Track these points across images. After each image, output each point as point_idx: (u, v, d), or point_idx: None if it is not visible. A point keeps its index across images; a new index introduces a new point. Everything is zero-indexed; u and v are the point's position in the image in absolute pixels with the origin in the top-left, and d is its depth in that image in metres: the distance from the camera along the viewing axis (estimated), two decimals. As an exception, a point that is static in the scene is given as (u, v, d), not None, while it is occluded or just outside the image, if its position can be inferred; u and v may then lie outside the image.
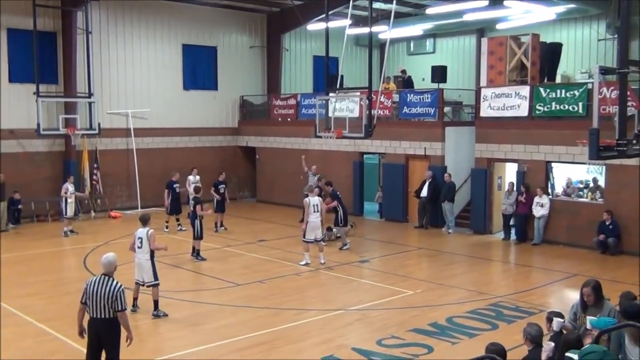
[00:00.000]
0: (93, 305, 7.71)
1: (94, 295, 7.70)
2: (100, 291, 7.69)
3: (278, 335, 10.46)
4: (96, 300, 7.69)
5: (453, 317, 11.29)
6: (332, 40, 18.21)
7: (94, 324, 7.78)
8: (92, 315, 7.77)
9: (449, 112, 21.96)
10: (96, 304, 7.69)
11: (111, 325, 7.75)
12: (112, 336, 7.79)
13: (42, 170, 22.18)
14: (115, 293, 7.67)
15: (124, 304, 7.79)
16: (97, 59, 22.88)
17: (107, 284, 7.75)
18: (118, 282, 7.87)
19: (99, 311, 7.71)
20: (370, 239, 19.18)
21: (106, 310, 7.69)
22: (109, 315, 7.71)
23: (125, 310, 7.90)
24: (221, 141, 26.99)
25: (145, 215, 11.77)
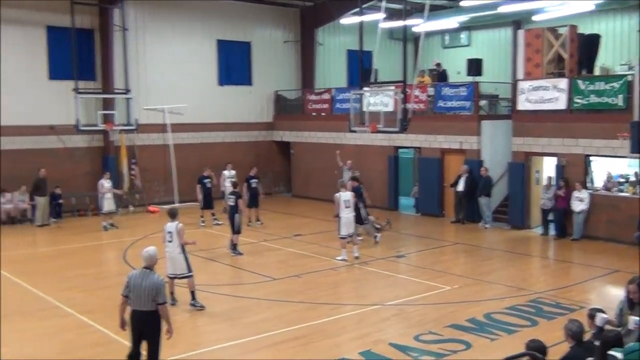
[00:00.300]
0: (135, 297, 7.85)
1: (136, 288, 7.84)
2: (142, 284, 7.83)
3: (314, 330, 10.49)
4: (138, 293, 7.83)
5: (491, 313, 11.19)
6: (366, 34, 18.14)
7: (135, 316, 7.93)
8: (134, 307, 7.93)
9: (485, 105, 21.71)
10: (138, 296, 7.83)
11: (152, 318, 7.89)
12: (153, 328, 7.93)
13: (81, 165, 22.60)
14: (157, 286, 7.80)
15: (164, 297, 7.92)
16: (134, 56, 23.21)
17: (149, 277, 7.89)
18: (159, 276, 8.00)
19: (141, 303, 7.85)
20: (406, 234, 19.09)
21: (148, 302, 7.83)
22: (150, 308, 7.84)
23: (166, 303, 8.03)
24: (256, 136, 27.14)
25: (174, 209, 11.90)
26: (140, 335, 7.99)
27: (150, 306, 7.83)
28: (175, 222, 11.47)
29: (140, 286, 7.82)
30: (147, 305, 7.83)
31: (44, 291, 12.70)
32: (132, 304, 7.92)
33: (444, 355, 9.36)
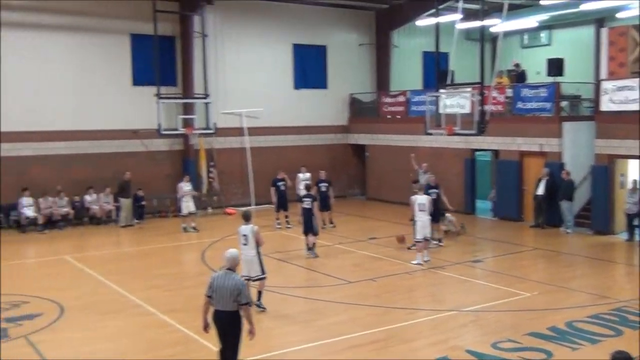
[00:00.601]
0: (218, 298, 8.01)
1: (219, 289, 8.00)
2: (225, 285, 7.98)
3: (390, 334, 10.44)
4: (221, 294, 7.98)
5: (573, 322, 10.84)
6: (442, 35, 17.97)
7: (218, 316, 8.10)
8: (217, 307, 8.09)
9: (566, 106, 21.05)
10: (221, 297, 7.99)
11: (234, 318, 8.05)
12: (234, 328, 8.08)
13: (163, 168, 23.34)
14: (239, 287, 7.96)
15: (247, 298, 8.06)
16: (213, 61, 23.77)
17: (231, 278, 8.04)
18: (241, 278, 8.22)
19: (224, 304, 8.00)
20: (483, 238, 18.75)
21: (230, 303, 7.98)
22: (232, 308, 8.00)
23: (249, 304, 8.16)
24: (331, 139, 27.27)
25: (247, 212, 11.98)
26: (224, 334, 8.16)
27: (232, 307, 7.98)
28: (249, 225, 11.58)
29: (223, 287, 7.97)
30: (230, 305, 7.98)
31: (128, 290, 13.17)
32: (215, 304, 8.09)
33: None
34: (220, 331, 8.14)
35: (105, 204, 21.42)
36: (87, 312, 11.76)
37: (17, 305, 12.15)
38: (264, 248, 12.30)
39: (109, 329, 10.89)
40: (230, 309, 8.00)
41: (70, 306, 12.07)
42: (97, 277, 14.44)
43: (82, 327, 10.98)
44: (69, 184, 21.17)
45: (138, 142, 22.86)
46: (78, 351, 9.81)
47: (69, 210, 20.71)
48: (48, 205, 20.32)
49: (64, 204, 20.65)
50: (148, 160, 22.99)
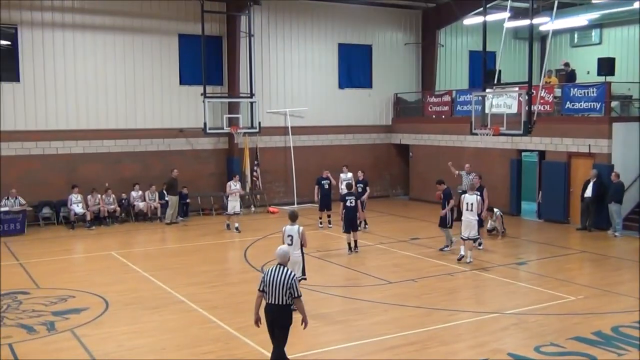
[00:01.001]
0: (270, 292, 8.24)
1: (271, 284, 8.23)
2: (277, 279, 8.21)
3: (430, 336, 10.35)
4: (273, 288, 8.21)
5: (619, 327, 10.56)
6: (489, 34, 17.74)
7: (270, 309, 8.33)
8: (269, 301, 8.32)
9: (617, 106, 20.52)
10: (273, 291, 8.22)
11: (285, 311, 8.29)
12: (284, 320, 8.32)
13: (207, 166, 23.64)
14: (291, 281, 8.21)
15: (299, 291, 8.31)
16: (258, 61, 23.97)
17: (283, 273, 8.27)
18: (293, 271, 8.47)
19: (275, 298, 8.23)
20: (528, 240, 18.43)
21: (281, 297, 8.20)
22: (284, 302, 8.23)
23: (301, 296, 8.36)
24: (375, 139, 27.19)
25: (294, 212, 11.95)
26: (273, 327, 8.37)
27: (283, 300, 8.22)
28: (296, 225, 11.57)
29: (275, 281, 8.22)
30: (281, 299, 8.21)
31: (171, 286, 13.38)
32: (267, 298, 8.32)
33: (566, 369, 8.96)
34: (270, 324, 8.36)
35: (150, 201, 21.78)
36: (131, 307, 12.00)
37: (64, 299, 12.47)
38: (307, 248, 12.34)
39: (151, 324, 11.08)
40: (281, 303, 8.23)
41: (115, 301, 12.33)
42: (141, 273, 14.71)
43: (125, 321, 11.20)
44: (117, 181, 21.66)
45: (184, 140, 23.21)
46: (121, 345, 10.01)
47: (116, 207, 21.15)
48: (96, 202, 20.79)
49: (111, 201, 21.10)
50: (193, 159, 23.32)
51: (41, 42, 20.77)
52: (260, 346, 9.82)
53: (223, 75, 23.82)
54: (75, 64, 21.35)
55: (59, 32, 21.03)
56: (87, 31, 21.49)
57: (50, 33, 20.90)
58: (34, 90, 20.79)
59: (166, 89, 22.90)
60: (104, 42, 21.76)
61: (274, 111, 24.69)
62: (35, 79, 20.77)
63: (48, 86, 20.95)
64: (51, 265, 15.52)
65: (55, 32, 20.96)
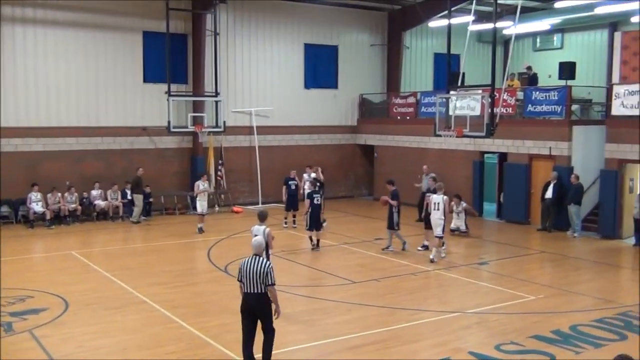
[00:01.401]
0: (247, 281, 8.57)
1: (248, 273, 8.55)
2: (253, 269, 8.53)
3: (393, 335, 10.42)
4: (249, 277, 8.54)
5: (578, 326, 10.79)
6: (453, 37, 17.91)
7: (247, 298, 8.62)
8: (247, 290, 8.61)
9: (577, 110, 20.96)
10: (249, 280, 8.54)
11: (263, 299, 8.59)
12: (264, 308, 8.63)
13: (171, 165, 23.42)
14: (266, 269, 8.52)
15: (273, 279, 8.58)
16: (224, 60, 23.83)
17: (258, 263, 8.58)
18: (268, 261, 8.76)
19: (253, 287, 8.53)
20: (490, 241, 18.69)
21: (258, 285, 8.51)
22: (261, 290, 8.53)
23: (274, 285, 8.60)
24: (340, 139, 27.27)
25: (264, 212, 11.96)
26: (254, 316, 8.65)
27: (261, 289, 8.52)
28: (263, 226, 11.54)
29: (251, 271, 8.53)
30: (259, 287, 8.51)
31: (133, 286, 13.21)
32: (245, 288, 8.62)
33: (526, 367, 9.11)
34: (250, 313, 8.64)
35: (112, 200, 21.49)
36: (91, 308, 11.81)
37: (23, 299, 12.22)
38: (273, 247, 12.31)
39: (113, 325, 10.93)
40: (259, 291, 8.53)
41: (75, 301, 12.13)
42: (102, 272, 14.49)
43: (86, 322, 11.03)
44: (79, 179, 21.30)
45: (147, 139, 22.95)
46: (82, 346, 9.85)
47: (77, 206, 20.81)
48: (56, 201, 20.42)
49: (73, 200, 20.75)
50: (157, 158, 23.07)
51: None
52: (223, 346, 9.79)
53: (188, 73, 23.61)
54: (37, 60, 20.92)
55: (20, 27, 20.58)
56: (50, 27, 21.07)
57: (11, 28, 20.44)
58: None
59: (130, 87, 22.61)
60: (66, 38, 21.37)
61: (239, 110, 24.59)
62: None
63: (7, 82, 20.48)
64: (9, 265, 15.16)
65: (15, 27, 20.52)
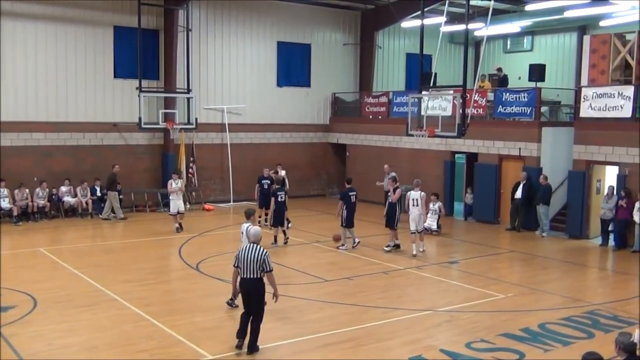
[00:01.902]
0: (244, 267, 9.24)
1: (245, 260, 9.22)
2: (250, 256, 9.21)
3: (365, 333, 10.47)
4: (247, 263, 9.21)
5: (546, 324, 10.96)
6: (426, 38, 18.04)
7: (244, 283, 9.32)
8: (244, 276, 9.29)
9: (546, 112, 21.28)
10: (247, 266, 9.22)
11: (258, 284, 9.29)
12: (258, 292, 9.29)
13: (142, 162, 23.18)
14: (263, 257, 9.21)
15: (270, 266, 9.27)
16: (196, 56, 23.68)
17: (255, 250, 9.26)
18: (264, 249, 9.35)
19: (249, 272, 9.22)
20: (460, 240, 18.87)
21: (254, 271, 9.21)
22: (257, 276, 9.23)
23: (272, 271, 9.31)
24: (312, 138, 27.29)
25: (250, 210, 11.97)
26: (249, 300, 9.32)
27: (257, 274, 9.21)
28: (247, 223, 11.51)
29: (248, 258, 9.20)
30: (255, 273, 9.20)
31: (102, 284, 13.06)
32: (242, 273, 9.29)
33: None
34: (246, 296, 9.36)
35: (82, 197, 21.20)
36: (60, 305, 11.64)
37: (-10, 296, 12.02)
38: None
39: (82, 323, 10.79)
40: (255, 276, 9.22)
41: (43, 299, 11.95)
42: (71, 270, 14.30)
43: (55, 320, 10.87)
44: (47, 175, 20.96)
45: (118, 135, 22.69)
46: (51, 344, 9.71)
47: (45, 202, 20.49)
48: (23, 197, 20.07)
49: (43, 196, 20.42)
50: (127, 154, 22.81)
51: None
52: (195, 344, 9.73)
53: (159, 69, 23.39)
54: (4, 53, 20.51)
55: (-13, 20, 20.22)
56: (18, 19, 20.69)
57: (-22, 20, 20.08)
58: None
59: (100, 82, 22.31)
60: (35, 31, 21.00)
61: (211, 107, 24.45)
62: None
63: (-26, 75, 20.12)
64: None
65: (-18, 19, 20.15)
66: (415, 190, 16.42)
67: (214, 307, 11.66)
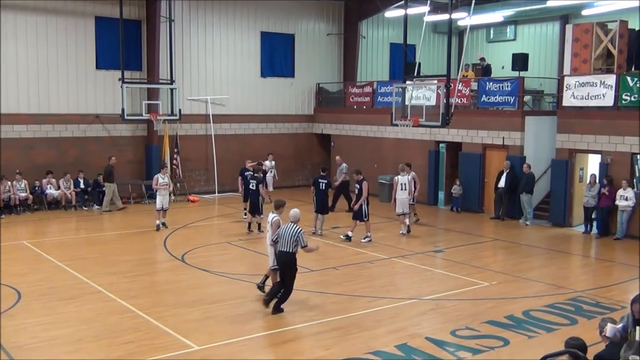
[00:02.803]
0: (281, 241, 10.83)
1: (283, 235, 10.81)
2: (287, 233, 10.81)
3: (351, 322, 10.52)
4: (284, 239, 10.80)
5: (530, 311, 11.07)
6: (410, 27, 18.04)
7: (280, 255, 10.89)
8: (280, 249, 10.85)
9: (529, 101, 21.40)
10: (283, 241, 10.80)
11: (291, 258, 10.86)
12: (291, 265, 10.90)
13: (125, 154, 23.01)
14: (297, 234, 10.79)
15: (304, 242, 10.87)
16: (179, 47, 23.52)
17: (292, 228, 10.84)
18: (299, 228, 10.92)
19: (284, 246, 10.78)
20: (445, 229, 18.97)
21: (289, 246, 10.77)
22: (290, 250, 10.77)
23: (307, 246, 10.94)
24: (297, 128, 27.26)
25: (279, 201, 11.96)
26: (283, 270, 10.89)
27: (289, 248, 10.77)
28: (274, 215, 11.57)
29: (285, 234, 10.80)
30: (288, 247, 10.76)
31: (87, 276, 13.00)
32: (279, 247, 10.85)
33: (481, 352, 9.30)
34: (281, 267, 10.95)
35: (65, 190, 21.04)
36: (45, 298, 11.59)
37: (-27, 289, 11.91)
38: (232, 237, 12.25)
39: (67, 315, 10.74)
40: (287, 250, 10.77)
41: (28, 292, 11.88)
42: (56, 262, 14.21)
43: (40, 312, 10.81)
44: (29, 168, 20.76)
45: (100, 126, 22.51)
46: (36, 337, 9.66)
47: (28, 195, 20.31)
48: (5, 190, 19.87)
49: (23, 188, 20.23)
50: (110, 146, 22.62)
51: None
52: (181, 335, 9.72)
53: (142, 60, 23.20)
54: (-16, 45, 20.30)
55: (-34, 10, 19.93)
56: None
57: (-44, 11, 19.78)
58: (-62, 71, 19.64)
59: (82, 73, 22.10)
60: (16, 22, 20.73)
61: (194, 98, 24.32)
62: (-61, 59, 19.63)
63: (-46, 67, 19.84)
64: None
65: (-39, 10, 19.85)
66: (402, 174, 17.14)
67: (200, 299, 11.65)
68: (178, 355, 9.04)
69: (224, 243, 16.47)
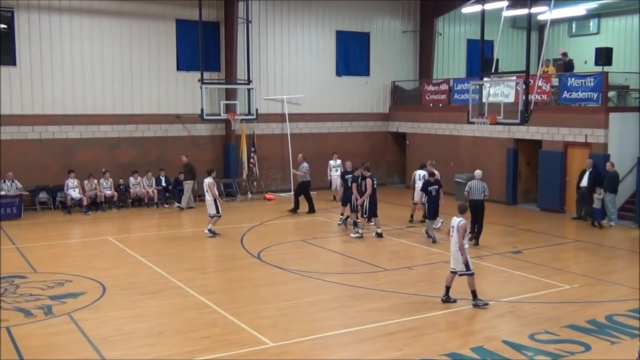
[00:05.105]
0: (473, 192, 15.45)
1: (473, 188, 15.45)
2: (477, 186, 15.51)
3: (426, 323, 10.43)
4: (475, 190, 15.45)
5: (613, 315, 10.66)
6: (487, 23, 17.68)
7: (472, 203, 14.92)
8: (472, 198, 15.29)
9: (614, 96, 20.55)
10: (475, 192, 15.46)
11: (481, 205, 15.43)
12: (481, 210, 15.48)
13: (204, 152, 23.59)
14: (485, 187, 15.45)
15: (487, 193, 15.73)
16: (256, 47, 23.92)
17: (480, 183, 15.49)
18: (485, 183, 15.63)
19: (476, 195, 15.36)
20: (524, 229, 18.49)
21: (479, 194, 15.41)
22: (480, 198, 15.30)
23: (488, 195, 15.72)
24: (372, 127, 27.19)
25: (463, 205, 11.72)
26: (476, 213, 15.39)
27: (480, 197, 15.39)
28: (459, 218, 11.24)
29: (476, 187, 15.54)
30: (479, 196, 15.36)
31: (168, 272, 13.42)
32: (471, 196, 15.27)
33: (561, 357, 9.03)
34: (474, 210, 15.03)
35: (148, 187, 21.75)
36: (128, 292, 12.04)
37: (62, 283, 12.51)
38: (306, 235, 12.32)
39: (148, 309, 11.12)
40: (479, 199, 15.29)
41: (111, 285, 12.37)
42: (138, 258, 14.74)
43: (122, 306, 11.25)
44: (114, 166, 21.61)
45: (181, 126, 23.17)
46: (118, 329, 10.05)
47: (113, 192, 21.13)
48: (92, 188, 20.75)
49: (108, 186, 21.06)
50: (190, 145, 23.27)
51: (38, 25, 20.64)
52: (256, 331, 9.89)
53: (220, 61, 23.73)
54: (72, 48, 21.23)
55: (56, 16, 20.90)
56: (85, 15, 21.36)
57: (47, 16, 20.77)
58: (31, 74, 20.68)
59: (163, 75, 22.82)
60: (100, 26, 21.64)
61: (271, 98, 24.66)
62: (31, 63, 20.66)
63: (45, 70, 20.85)
64: (48, 250, 15.55)
65: (52, 15, 20.84)
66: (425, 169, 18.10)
67: (275, 296, 11.82)
68: (253, 351, 9.21)
69: (299, 241, 16.64)
